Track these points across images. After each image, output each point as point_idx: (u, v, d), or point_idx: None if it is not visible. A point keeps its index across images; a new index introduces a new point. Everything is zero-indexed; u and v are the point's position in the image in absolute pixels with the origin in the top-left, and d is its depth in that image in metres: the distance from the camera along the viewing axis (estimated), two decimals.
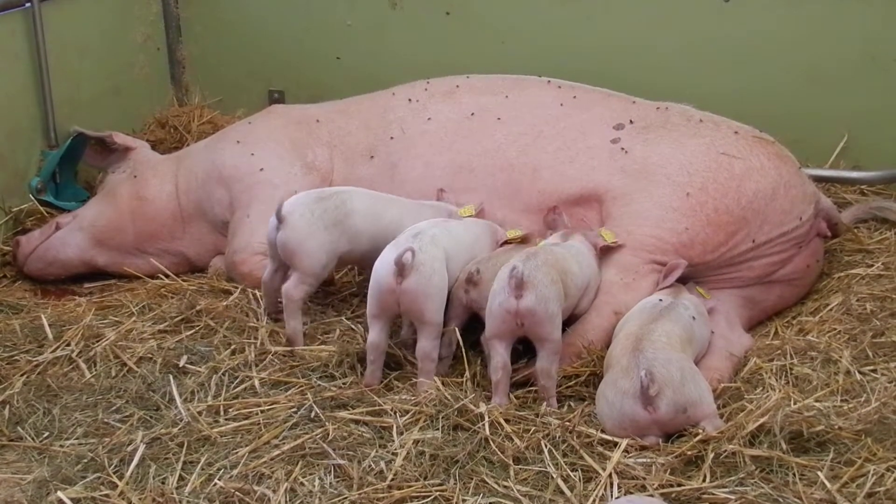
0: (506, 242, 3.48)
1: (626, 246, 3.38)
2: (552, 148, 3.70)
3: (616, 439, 2.81)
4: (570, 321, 3.25)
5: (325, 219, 3.36)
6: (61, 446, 2.93)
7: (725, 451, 2.69)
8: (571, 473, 2.71)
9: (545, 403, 3.01)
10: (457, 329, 3.20)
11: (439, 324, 3.09)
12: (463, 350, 3.15)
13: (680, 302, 3.18)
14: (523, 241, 3.48)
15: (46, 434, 2.99)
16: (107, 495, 2.68)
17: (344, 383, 3.15)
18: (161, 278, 3.96)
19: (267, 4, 5.03)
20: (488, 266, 3.18)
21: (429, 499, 2.63)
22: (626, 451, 2.76)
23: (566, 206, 3.57)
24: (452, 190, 3.72)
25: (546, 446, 2.79)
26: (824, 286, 3.70)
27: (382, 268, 3.07)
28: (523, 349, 3.17)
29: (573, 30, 4.58)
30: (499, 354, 3.01)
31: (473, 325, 3.25)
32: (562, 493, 2.65)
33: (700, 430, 2.79)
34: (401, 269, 3.01)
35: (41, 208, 4.30)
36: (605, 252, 3.39)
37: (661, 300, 3.19)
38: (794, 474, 2.64)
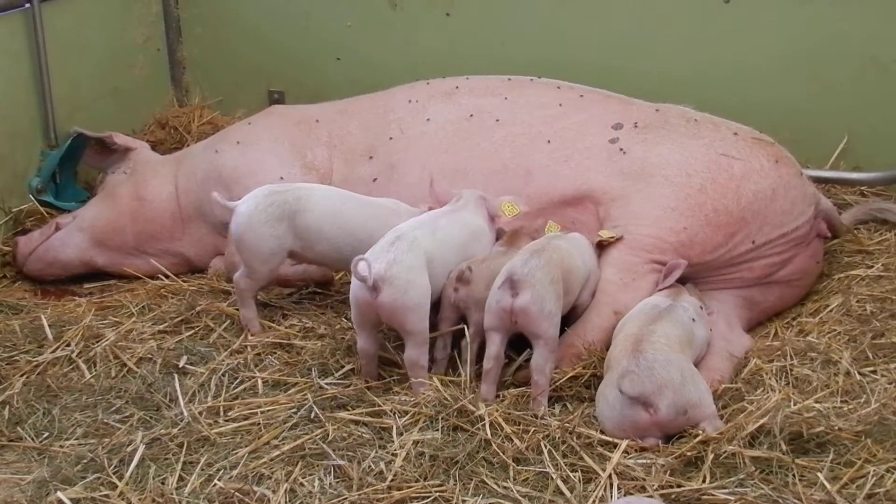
0: (501, 235, 3.42)
1: (624, 244, 3.38)
2: (548, 148, 3.70)
3: (616, 440, 2.81)
4: (570, 315, 3.26)
5: (268, 212, 3.34)
6: (61, 447, 2.93)
7: (725, 451, 2.69)
8: (571, 474, 2.71)
9: (534, 401, 3.00)
10: (465, 328, 3.16)
11: (423, 331, 3.04)
12: (469, 349, 3.14)
13: (679, 304, 3.18)
14: (514, 235, 3.40)
15: (46, 434, 3.00)
16: (106, 496, 2.68)
17: (342, 376, 3.16)
18: (161, 279, 3.96)
19: (267, 5, 5.03)
20: (481, 267, 3.17)
21: (428, 499, 2.63)
22: (625, 451, 2.76)
23: (558, 207, 3.56)
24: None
25: (546, 447, 2.79)
26: (824, 287, 3.70)
27: (356, 282, 3.01)
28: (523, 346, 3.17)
29: (572, 31, 4.58)
30: (494, 345, 3.02)
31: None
32: (561, 493, 2.65)
33: (700, 432, 2.79)
34: (373, 285, 2.96)
35: (41, 209, 4.30)
36: (603, 249, 3.39)
37: (660, 301, 3.19)
38: (793, 475, 2.64)
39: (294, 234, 3.38)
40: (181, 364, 3.27)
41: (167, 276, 3.98)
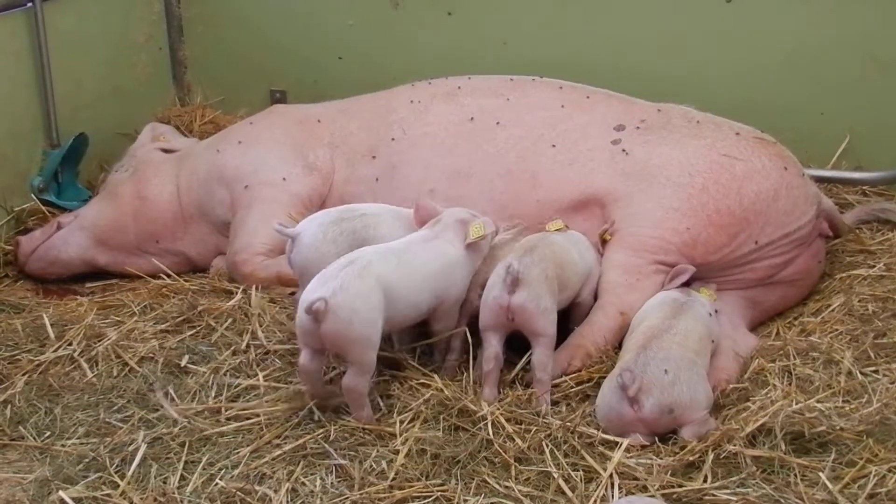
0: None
1: (628, 246, 3.38)
2: (552, 151, 3.69)
3: (617, 439, 2.81)
4: (573, 314, 3.28)
5: (338, 242, 3.15)
6: (63, 446, 2.93)
7: (726, 451, 2.69)
8: (573, 474, 2.71)
9: (538, 399, 2.99)
10: (466, 330, 3.15)
11: (368, 363, 2.84)
12: (471, 351, 3.14)
13: (697, 299, 3.19)
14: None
15: (48, 433, 3.00)
16: (108, 495, 2.68)
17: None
18: (162, 278, 3.96)
19: (269, 4, 5.03)
20: None
21: (430, 499, 2.63)
22: (627, 451, 2.76)
23: (566, 214, 3.55)
24: (450, 197, 3.60)
25: (547, 446, 2.79)
26: (826, 287, 3.69)
27: (300, 308, 2.83)
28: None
29: (575, 30, 4.57)
30: (491, 346, 3.02)
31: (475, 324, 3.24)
32: (563, 493, 2.65)
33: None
34: (314, 315, 2.77)
35: (43, 208, 4.31)
36: (605, 247, 3.40)
37: (678, 296, 3.19)
38: (795, 475, 2.64)
39: None
40: (183, 363, 3.27)
41: (169, 276, 3.97)
